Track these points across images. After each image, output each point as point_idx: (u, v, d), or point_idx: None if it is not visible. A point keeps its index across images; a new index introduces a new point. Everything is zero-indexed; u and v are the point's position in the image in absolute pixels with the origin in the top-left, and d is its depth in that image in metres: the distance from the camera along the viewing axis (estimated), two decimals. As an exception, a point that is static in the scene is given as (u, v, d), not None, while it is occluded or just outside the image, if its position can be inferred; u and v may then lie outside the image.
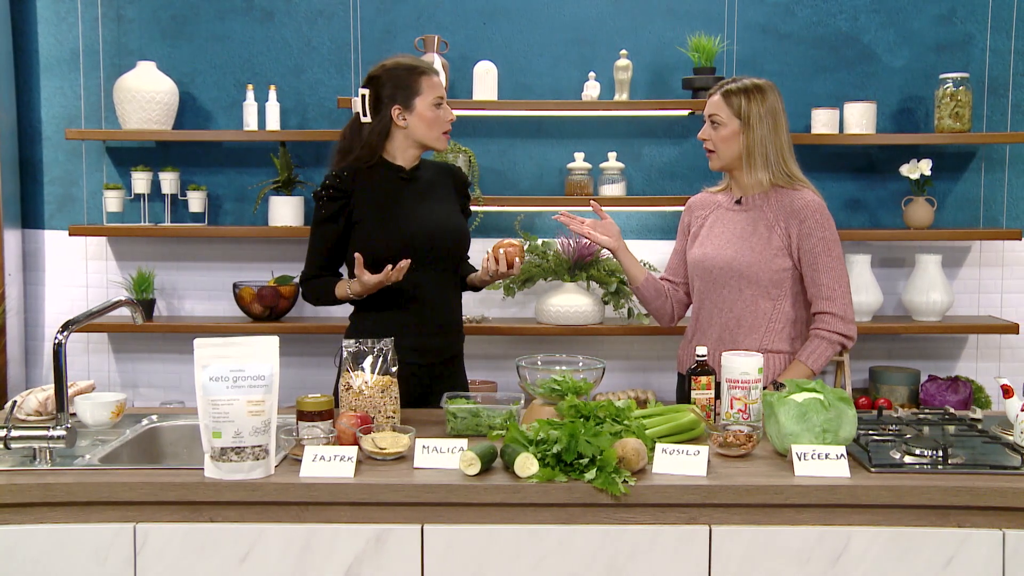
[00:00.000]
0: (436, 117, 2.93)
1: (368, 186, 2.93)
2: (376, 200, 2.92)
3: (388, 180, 2.95)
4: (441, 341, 3.00)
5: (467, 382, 3.16)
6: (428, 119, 2.92)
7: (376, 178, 2.95)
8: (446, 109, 2.96)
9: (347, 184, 2.92)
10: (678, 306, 3.19)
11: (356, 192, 2.92)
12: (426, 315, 2.96)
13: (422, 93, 2.90)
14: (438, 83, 2.95)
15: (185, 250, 4.44)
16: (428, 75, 2.92)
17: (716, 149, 2.98)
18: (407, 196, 2.95)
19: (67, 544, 2.14)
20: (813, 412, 2.28)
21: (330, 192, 2.92)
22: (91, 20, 4.35)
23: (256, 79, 4.34)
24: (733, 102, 2.93)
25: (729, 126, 2.93)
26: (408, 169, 2.99)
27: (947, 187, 4.37)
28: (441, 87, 2.96)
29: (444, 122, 2.95)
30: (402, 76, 2.90)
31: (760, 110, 2.90)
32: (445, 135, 2.98)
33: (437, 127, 2.94)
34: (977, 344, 4.45)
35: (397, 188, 2.95)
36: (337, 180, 2.93)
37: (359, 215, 2.91)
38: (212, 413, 2.15)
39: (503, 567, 2.15)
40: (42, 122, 4.40)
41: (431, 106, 2.92)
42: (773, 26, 4.33)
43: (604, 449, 2.16)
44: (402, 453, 2.30)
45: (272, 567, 2.15)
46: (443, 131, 2.96)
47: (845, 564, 2.14)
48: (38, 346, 4.49)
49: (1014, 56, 4.30)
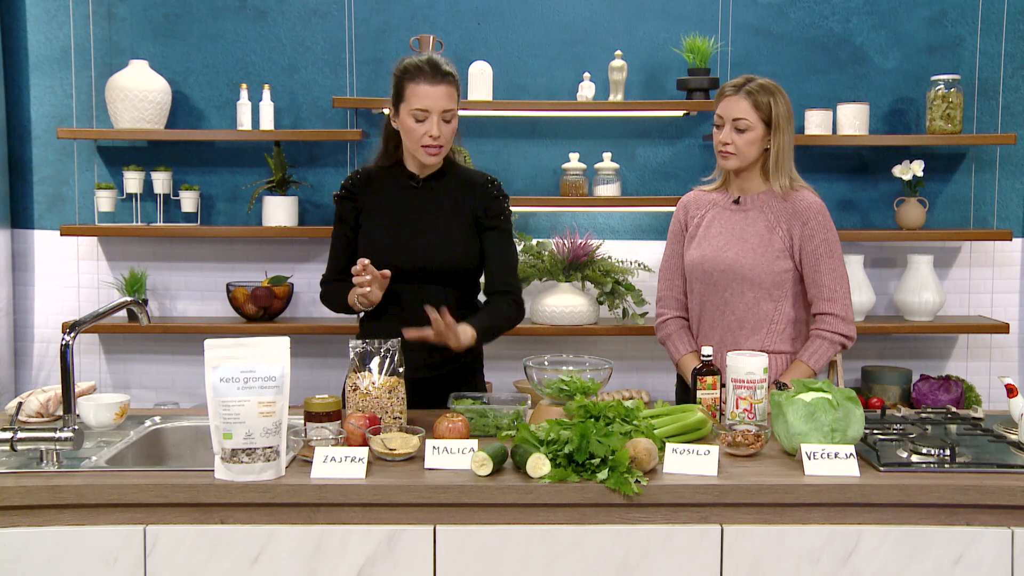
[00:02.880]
0: (413, 128, 2.71)
1: (378, 190, 2.87)
2: (381, 206, 2.86)
3: (398, 186, 2.87)
4: (440, 356, 2.77)
5: (484, 389, 3.03)
6: (406, 128, 2.74)
7: (388, 183, 2.88)
8: (431, 123, 2.69)
9: (358, 186, 2.88)
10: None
11: (365, 195, 2.87)
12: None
13: (405, 100, 2.72)
14: (426, 93, 2.68)
15: (178, 250, 4.41)
16: (416, 82, 2.69)
17: (738, 152, 2.91)
18: (412, 205, 2.85)
19: (76, 546, 2.13)
20: (821, 412, 2.29)
21: (344, 191, 2.89)
22: (82, 18, 4.32)
23: (250, 78, 4.32)
24: (761, 105, 2.88)
25: (756, 129, 2.89)
26: (421, 177, 2.87)
27: (938, 188, 4.41)
28: (428, 99, 2.68)
29: (423, 136, 2.71)
30: (398, 77, 2.77)
31: (785, 112, 2.90)
32: (427, 149, 2.73)
33: (414, 140, 2.73)
34: (967, 344, 4.48)
35: (404, 195, 2.86)
36: (349, 181, 2.90)
37: (365, 219, 2.87)
38: (223, 414, 2.14)
39: (516, 567, 2.14)
40: (31, 121, 4.36)
41: (410, 116, 2.71)
42: (766, 27, 4.35)
43: (616, 449, 2.16)
44: (411, 454, 2.30)
45: (283, 569, 2.14)
46: (421, 144, 2.72)
47: (856, 563, 2.15)
48: (27, 347, 4.44)
49: (1004, 59, 4.34)
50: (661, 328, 3.13)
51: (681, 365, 3.06)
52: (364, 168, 2.93)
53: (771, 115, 2.88)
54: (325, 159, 4.39)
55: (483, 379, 3.03)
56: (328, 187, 4.37)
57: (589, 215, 4.44)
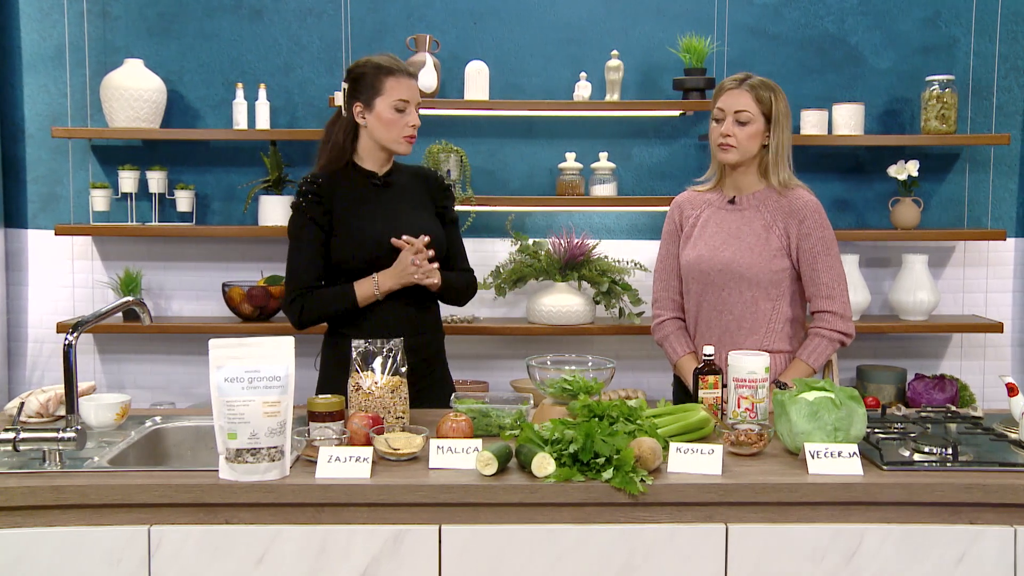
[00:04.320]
0: (395, 120, 2.85)
1: (343, 192, 2.90)
2: (349, 206, 2.90)
3: (361, 186, 2.93)
4: (413, 342, 2.87)
5: (451, 382, 3.12)
6: (385, 120, 2.85)
7: (350, 184, 2.92)
8: (411, 114, 2.87)
9: (324, 190, 2.89)
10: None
11: (333, 198, 2.89)
12: (399, 319, 2.90)
13: (384, 93, 2.84)
14: (406, 86, 2.87)
15: (173, 250, 4.39)
16: (396, 76, 2.86)
17: (739, 145, 2.92)
18: (379, 202, 2.92)
19: (80, 547, 2.12)
20: (824, 411, 2.29)
21: (311, 197, 2.88)
22: (76, 16, 4.30)
23: (245, 77, 4.31)
24: (762, 98, 2.90)
25: (757, 123, 2.91)
26: (381, 175, 2.96)
27: (932, 188, 4.43)
28: (409, 90, 2.87)
29: (404, 126, 2.87)
30: (368, 74, 2.87)
31: (784, 109, 2.92)
32: (407, 139, 2.89)
33: (395, 130, 2.87)
34: (961, 343, 4.51)
35: (369, 194, 2.92)
36: (314, 186, 2.90)
37: (336, 221, 2.89)
38: (227, 414, 2.13)
39: (521, 567, 2.15)
40: (25, 120, 4.34)
41: (390, 107, 2.85)
42: (762, 28, 4.36)
43: (621, 448, 2.17)
44: (415, 453, 2.29)
45: (288, 569, 2.13)
46: (403, 135, 2.88)
47: (859, 561, 2.16)
48: (21, 347, 4.42)
49: (998, 59, 4.37)
50: (658, 329, 3.13)
51: (679, 366, 3.06)
52: (316, 174, 2.94)
53: (772, 110, 2.90)
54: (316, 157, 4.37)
55: (449, 374, 3.13)
56: (324, 186, 4.36)
57: (585, 215, 4.44)
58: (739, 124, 2.91)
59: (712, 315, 3.00)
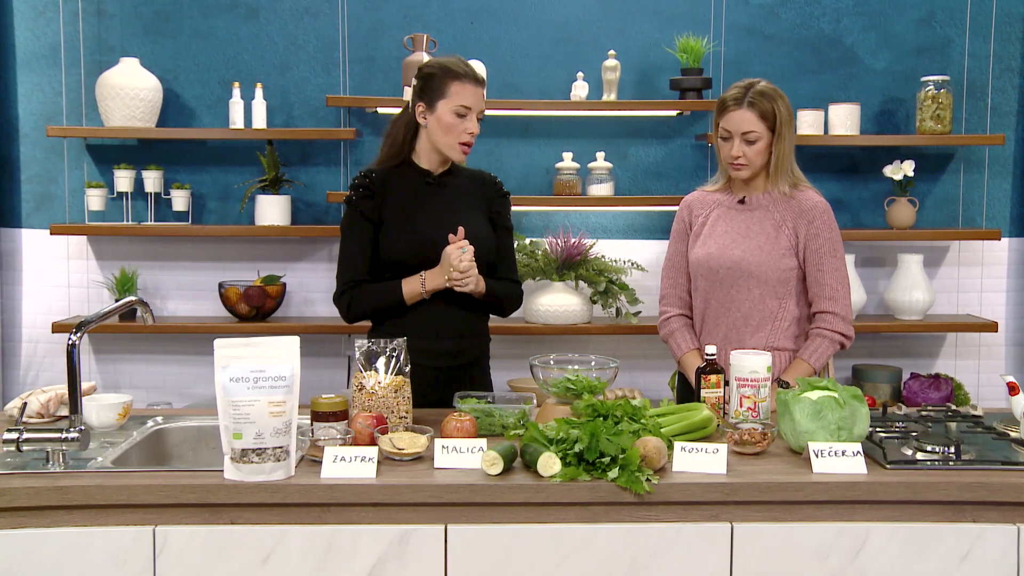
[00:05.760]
0: (454, 124, 2.82)
1: (396, 188, 2.89)
2: (401, 203, 2.88)
3: (415, 184, 2.91)
4: (455, 345, 2.90)
5: (490, 386, 3.08)
6: (445, 124, 2.83)
7: (404, 181, 2.90)
8: (471, 121, 2.84)
9: (377, 184, 2.88)
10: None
11: (385, 193, 2.88)
12: (444, 320, 2.88)
13: (447, 97, 2.81)
14: (471, 92, 2.83)
15: (169, 249, 4.38)
16: (461, 81, 2.82)
17: (750, 163, 2.93)
18: (431, 202, 2.89)
19: (85, 548, 2.11)
20: (828, 410, 2.30)
21: (362, 191, 2.87)
22: (71, 15, 4.28)
23: (242, 77, 4.29)
24: (766, 113, 2.89)
25: (764, 138, 2.91)
26: (436, 174, 2.93)
27: (927, 188, 4.45)
28: (473, 97, 2.83)
29: (462, 132, 2.84)
30: (436, 75, 2.84)
31: (786, 115, 2.92)
32: (463, 146, 2.86)
33: (453, 135, 2.84)
34: (956, 342, 4.53)
35: (422, 193, 2.90)
36: (367, 180, 2.88)
37: (386, 216, 2.87)
38: (232, 414, 2.13)
39: (527, 566, 2.15)
40: (20, 119, 4.32)
41: (451, 112, 2.82)
42: (758, 28, 4.37)
43: (626, 448, 2.17)
44: (420, 453, 2.29)
45: (294, 569, 2.13)
46: (460, 141, 2.85)
47: (864, 560, 2.17)
48: (15, 347, 4.40)
49: (992, 60, 4.39)
50: (664, 325, 3.14)
51: (683, 362, 3.07)
52: (371, 168, 2.93)
53: (775, 122, 2.91)
54: (318, 158, 4.38)
55: (490, 380, 3.09)
56: (321, 186, 4.36)
57: (582, 214, 4.45)
58: (747, 143, 2.91)
59: (719, 312, 3.01)
